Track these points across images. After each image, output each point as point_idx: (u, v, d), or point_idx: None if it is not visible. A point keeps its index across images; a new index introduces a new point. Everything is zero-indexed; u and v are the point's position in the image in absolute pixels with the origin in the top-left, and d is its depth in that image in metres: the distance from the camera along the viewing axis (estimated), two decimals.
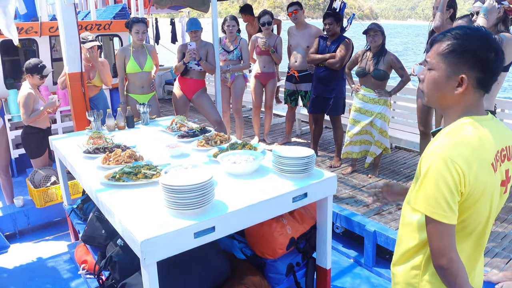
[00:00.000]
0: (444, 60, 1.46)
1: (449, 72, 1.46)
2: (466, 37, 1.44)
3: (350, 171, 5.31)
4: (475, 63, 1.43)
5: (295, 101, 6.17)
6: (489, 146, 1.45)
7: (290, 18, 5.81)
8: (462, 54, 1.43)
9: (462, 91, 1.46)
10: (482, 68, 1.43)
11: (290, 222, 2.85)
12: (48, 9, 7.81)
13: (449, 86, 1.47)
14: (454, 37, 1.46)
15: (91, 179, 2.72)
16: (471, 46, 1.43)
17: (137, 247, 1.92)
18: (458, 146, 1.41)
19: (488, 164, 1.43)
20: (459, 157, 1.38)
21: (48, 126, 4.74)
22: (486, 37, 1.44)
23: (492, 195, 1.46)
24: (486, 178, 1.42)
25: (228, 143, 3.20)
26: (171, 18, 13.17)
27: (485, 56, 1.42)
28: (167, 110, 9.16)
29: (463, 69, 1.44)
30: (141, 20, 4.88)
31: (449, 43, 1.45)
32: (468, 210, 1.44)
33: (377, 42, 4.65)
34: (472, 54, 1.42)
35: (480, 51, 1.42)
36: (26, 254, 4.23)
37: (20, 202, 4.65)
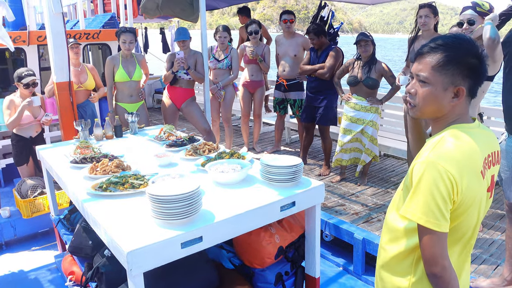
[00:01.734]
0: (440, 73, 1.46)
1: (446, 84, 1.46)
2: (457, 47, 1.45)
3: (339, 179, 5.33)
4: (468, 73, 1.45)
5: (284, 109, 6.20)
6: (478, 154, 1.46)
7: (283, 25, 5.84)
8: (458, 65, 1.44)
9: (459, 101, 1.48)
10: (473, 76, 1.46)
11: (278, 231, 2.85)
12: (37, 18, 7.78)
13: (446, 98, 1.48)
14: (446, 48, 1.46)
15: (77, 189, 2.69)
16: (463, 56, 1.44)
17: (123, 258, 1.90)
18: (451, 155, 1.42)
19: (478, 172, 1.45)
20: (451, 166, 1.39)
21: (31, 136, 4.69)
22: (472, 44, 1.45)
23: (480, 202, 1.48)
24: (476, 186, 1.44)
25: (216, 152, 3.19)
26: (161, 27, 13.18)
27: (474, 64, 1.44)
28: (156, 119, 9.14)
29: (459, 79, 1.45)
30: (128, 30, 4.88)
31: (443, 55, 1.45)
32: (459, 217, 1.46)
33: (368, 52, 4.70)
34: (466, 64, 1.44)
35: (471, 60, 1.44)
36: (12, 265, 4.17)
37: (7, 212, 4.59)
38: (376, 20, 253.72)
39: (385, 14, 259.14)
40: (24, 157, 4.72)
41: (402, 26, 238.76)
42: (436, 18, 4.23)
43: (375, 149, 4.95)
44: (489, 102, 14.39)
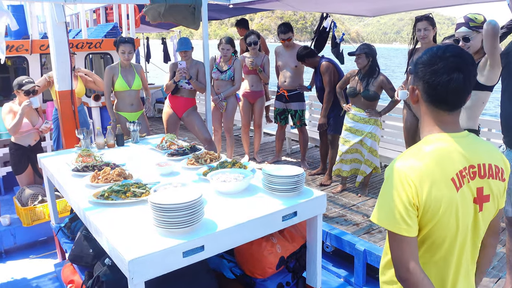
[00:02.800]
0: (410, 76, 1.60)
1: (410, 83, 1.58)
2: (421, 56, 1.54)
3: (340, 189, 5.32)
4: (419, 76, 1.51)
5: (285, 119, 6.22)
6: (452, 161, 1.46)
7: (282, 43, 5.89)
8: (415, 69, 1.54)
9: (414, 101, 1.56)
10: (425, 81, 1.49)
11: (280, 241, 2.84)
12: (40, 27, 7.83)
13: (413, 98, 1.57)
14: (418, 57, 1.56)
15: (79, 198, 2.69)
16: (420, 64, 1.51)
17: (124, 267, 1.89)
18: (414, 160, 1.45)
19: (447, 179, 1.44)
20: (412, 171, 1.42)
21: (30, 144, 4.68)
22: (434, 53, 1.49)
23: (456, 211, 1.45)
24: (442, 193, 1.42)
25: (218, 162, 3.20)
26: (163, 37, 13.25)
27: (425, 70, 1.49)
28: (157, 128, 9.15)
29: (414, 80, 1.54)
30: (127, 41, 4.88)
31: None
32: (429, 223, 1.46)
33: (360, 64, 4.72)
34: (419, 71, 1.51)
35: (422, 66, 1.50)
36: (11, 274, 4.15)
37: (7, 220, 4.58)
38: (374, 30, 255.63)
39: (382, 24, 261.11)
40: (22, 166, 4.72)
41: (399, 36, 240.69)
42: (434, 30, 4.25)
43: (376, 160, 4.94)
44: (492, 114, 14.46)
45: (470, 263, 1.60)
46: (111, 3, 7.97)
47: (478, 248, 1.60)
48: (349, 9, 7.16)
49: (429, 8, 7.14)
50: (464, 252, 1.55)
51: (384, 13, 7.03)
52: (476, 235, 1.55)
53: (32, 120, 4.62)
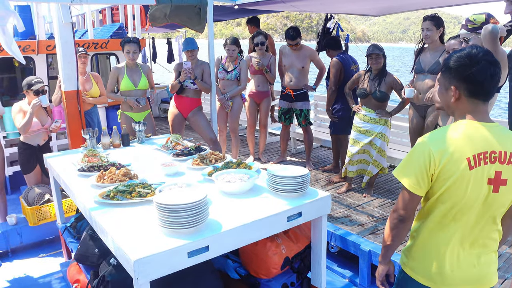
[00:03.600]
0: (442, 76, 1.87)
1: (445, 85, 1.85)
2: (456, 57, 1.80)
3: (345, 190, 5.31)
4: (462, 77, 1.77)
5: (290, 119, 6.21)
6: (473, 143, 1.74)
7: (290, 48, 5.88)
8: (451, 71, 1.80)
9: (455, 99, 1.81)
10: (469, 80, 1.75)
11: (284, 241, 2.85)
12: (46, 27, 7.87)
13: (448, 95, 1.84)
14: (449, 57, 1.83)
15: (85, 197, 2.71)
16: (456, 64, 1.78)
17: (130, 267, 1.90)
18: (439, 138, 1.78)
19: (462, 158, 1.72)
20: (436, 147, 1.75)
21: (39, 144, 4.69)
22: (471, 54, 1.76)
23: (466, 186, 1.73)
24: (455, 167, 1.72)
25: (223, 162, 3.20)
26: (168, 38, 13.28)
27: (469, 71, 1.74)
28: (163, 128, 9.17)
29: (453, 82, 1.80)
30: (132, 40, 4.89)
31: (444, 62, 1.86)
32: (440, 188, 1.77)
33: (379, 65, 4.69)
34: (457, 70, 1.78)
35: (464, 68, 1.76)
36: (18, 273, 4.18)
37: (13, 220, 4.61)
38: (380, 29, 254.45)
39: (388, 23, 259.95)
40: (31, 165, 4.74)
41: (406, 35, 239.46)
42: (439, 30, 4.23)
43: (383, 161, 4.93)
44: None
45: (481, 237, 1.85)
46: (117, 4, 8.00)
47: (495, 225, 1.86)
48: (354, 9, 7.14)
49: (435, 8, 7.12)
50: (473, 224, 1.82)
51: (390, 13, 7.01)
52: (489, 212, 1.80)
53: (41, 119, 4.63)
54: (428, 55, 4.29)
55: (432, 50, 4.27)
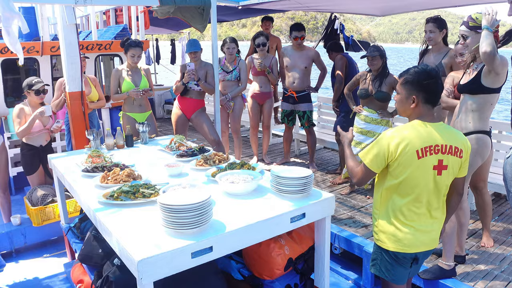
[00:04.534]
0: (403, 88, 2.38)
1: (406, 94, 2.37)
2: (414, 72, 2.35)
3: (348, 191, 5.30)
4: (421, 88, 2.32)
5: (293, 121, 6.20)
6: (421, 139, 2.29)
7: (293, 41, 5.87)
8: (413, 83, 2.34)
9: (415, 106, 2.35)
10: (426, 90, 2.32)
11: (288, 242, 2.84)
12: (50, 29, 7.90)
13: (408, 103, 2.38)
14: (408, 73, 2.37)
15: (89, 198, 2.71)
16: (417, 78, 2.33)
17: (134, 267, 1.91)
18: (398, 133, 2.31)
19: (413, 150, 2.28)
20: (394, 140, 2.30)
21: (41, 145, 4.70)
22: (427, 71, 2.33)
23: (418, 171, 2.31)
24: (408, 158, 2.29)
25: (227, 163, 3.20)
26: (172, 39, 13.31)
27: (426, 83, 2.31)
28: (166, 129, 9.19)
29: (413, 92, 2.34)
30: (137, 44, 4.92)
31: (405, 77, 2.37)
32: (401, 174, 2.33)
33: (376, 66, 4.69)
34: (418, 83, 2.32)
35: (422, 81, 2.31)
36: (22, 273, 4.19)
37: (17, 220, 4.63)
38: (385, 29, 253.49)
39: (394, 24, 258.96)
40: (34, 166, 4.75)
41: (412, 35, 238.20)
42: (442, 32, 4.21)
43: None
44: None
45: (434, 208, 2.43)
46: (121, 5, 8.02)
47: (441, 201, 2.46)
48: (358, 8, 7.15)
49: (440, 8, 7.10)
50: (430, 199, 2.40)
51: (394, 13, 7.00)
52: (437, 191, 2.40)
53: (43, 120, 4.64)
54: (432, 57, 4.28)
55: (435, 52, 4.26)
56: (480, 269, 3.57)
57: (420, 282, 3.46)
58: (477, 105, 3.21)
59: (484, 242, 3.95)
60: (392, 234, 2.43)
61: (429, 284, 3.41)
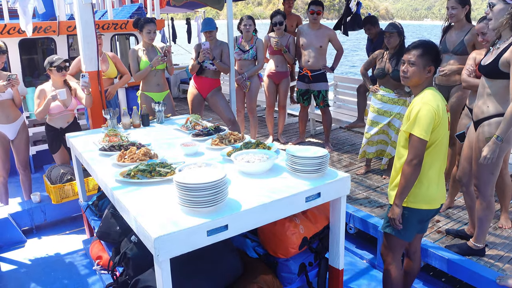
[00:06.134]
0: (420, 58, 2.55)
1: (424, 65, 2.56)
2: (430, 45, 2.59)
3: (364, 171, 5.28)
4: (436, 58, 2.58)
5: (308, 100, 6.15)
6: (441, 100, 2.57)
7: (309, 16, 5.78)
8: (431, 54, 2.56)
9: (431, 75, 2.59)
10: (437, 61, 2.60)
11: (303, 221, 2.85)
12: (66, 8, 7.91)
13: (424, 73, 2.57)
14: (423, 45, 2.58)
15: (106, 176, 2.75)
16: (432, 50, 2.57)
17: (150, 244, 1.94)
18: (433, 100, 2.52)
19: (444, 111, 2.55)
20: (435, 104, 2.50)
21: (62, 127, 4.71)
22: (435, 44, 2.63)
23: (446, 129, 2.59)
24: (444, 119, 2.53)
25: (242, 142, 3.21)
26: (187, 18, 13.23)
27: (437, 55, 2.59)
28: (182, 109, 9.21)
29: (431, 62, 2.56)
30: (151, 21, 4.94)
31: (422, 49, 2.55)
32: (438, 135, 2.53)
33: (392, 44, 4.60)
34: (433, 54, 2.57)
35: (435, 52, 2.58)
36: (42, 249, 4.30)
37: (37, 198, 4.72)
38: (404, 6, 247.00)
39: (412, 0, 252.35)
40: (55, 146, 4.81)
41: (431, 12, 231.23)
42: (465, 8, 4.09)
43: None
44: None
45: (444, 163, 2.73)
46: None
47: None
48: None
49: None
50: (444, 155, 2.68)
51: None
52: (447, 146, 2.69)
53: (64, 101, 4.64)
54: (454, 35, 4.18)
55: (457, 29, 4.16)
56: (497, 250, 3.55)
57: (442, 265, 3.45)
58: (494, 89, 3.05)
59: (502, 223, 3.91)
60: (423, 194, 2.62)
61: (451, 267, 3.40)
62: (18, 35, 5.78)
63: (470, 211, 3.68)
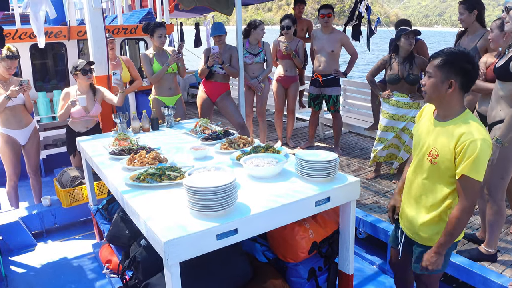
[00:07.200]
0: (439, 70, 2.13)
1: (443, 78, 2.13)
2: (453, 53, 2.11)
3: (373, 176, 5.25)
4: (459, 71, 2.09)
5: (319, 105, 6.14)
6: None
7: (320, 20, 5.79)
8: (451, 65, 2.10)
9: (452, 91, 2.12)
10: (464, 75, 2.09)
11: (312, 226, 2.84)
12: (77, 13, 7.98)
13: (443, 88, 2.14)
14: (445, 54, 2.13)
15: (116, 180, 2.76)
16: (456, 60, 2.10)
17: (160, 248, 1.94)
18: (484, 130, 2.11)
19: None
20: (487, 141, 2.07)
21: (80, 131, 4.66)
22: (466, 53, 2.11)
23: None
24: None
25: (251, 146, 3.21)
26: (196, 23, 13.28)
27: (465, 67, 2.09)
28: (191, 113, 9.24)
29: (452, 75, 2.10)
30: (162, 25, 4.98)
31: (443, 58, 2.12)
32: None
33: (411, 46, 4.54)
34: (457, 65, 2.09)
35: (462, 63, 2.09)
36: (52, 253, 4.32)
37: (48, 201, 4.75)
38: (414, 12, 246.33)
39: (423, 7, 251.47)
40: (72, 149, 4.82)
41: (442, 18, 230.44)
42: (473, 13, 4.10)
43: None
44: None
45: None
46: None
47: None
48: None
49: None
50: None
51: None
52: None
53: (86, 107, 4.60)
54: (466, 40, 4.21)
55: (471, 35, 4.18)
56: (509, 256, 3.51)
57: (453, 271, 3.41)
58: (506, 92, 3.02)
59: None
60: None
61: (461, 272, 3.36)
62: (29, 40, 5.84)
63: (482, 216, 3.63)
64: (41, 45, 4.67)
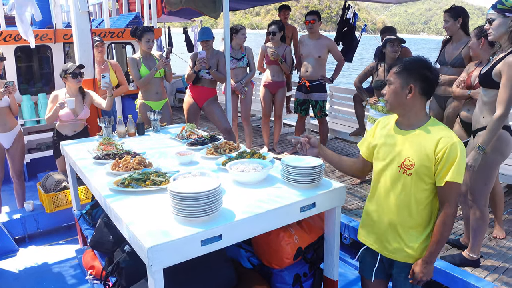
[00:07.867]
0: (398, 76, 2.15)
1: (402, 83, 2.14)
2: (411, 60, 2.17)
3: (359, 181, 5.28)
4: (418, 77, 2.11)
5: (305, 110, 6.16)
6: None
7: (306, 26, 5.83)
8: (409, 71, 2.12)
9: (411, 96, 2.12)
10: (423, 80, 2.11)
11: (297, 232, 2.84)
12: (63, 16, 7.93)
13: (403, 93, 2.14)
14: (403, 61, 2.17)
15: (100, 185, 2.73)
16: (414, 66, 2.13)
17: (143, 254, 1.92)
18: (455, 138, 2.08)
19: None
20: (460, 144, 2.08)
21: (67, 135, 4.62)
22: (423, 60, 2.16)
23: None
24: None
25: (237, 152, 3.20)
26: (184, 27, 13.27)
27: (423, 72, 2.11)
28: (177, 118, 9.21)
29: (411, 81, 2.12)
30: (150, 29, 4.96)
31: (400, 65, 2.16)
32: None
33: (397, 52, 4.59)
34: (415, 71, 2.12)
35: (419, 69, 2.12)
36: (34, 258, 4.26)
37: (30, 206, 4.69)
38: (401, 20, 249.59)
39: (409, 14, 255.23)
40: (58, 152, 4.76)
41: (427, 26, 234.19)
42: (458, 21, 4.18)
43: None
44: None
45: None
46: None
47: None
48: None
49: None
50: None
51: (408, 0, 6.89)
52: None
53: (75, 110, 4.56)
54: (451, 48, 4.28)
55: (455, 42, 4.25)
56: (492, 261, 3.55)
57: (438, 277, 3.43)
58: (488, 98, 3.05)
59: (497, 234, 3.92)
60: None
61: (443, 276, 3.39)
62: (14, 42, 5.78)
63: (466, 221, 3.68)
64: (32, 45, 4.63)
